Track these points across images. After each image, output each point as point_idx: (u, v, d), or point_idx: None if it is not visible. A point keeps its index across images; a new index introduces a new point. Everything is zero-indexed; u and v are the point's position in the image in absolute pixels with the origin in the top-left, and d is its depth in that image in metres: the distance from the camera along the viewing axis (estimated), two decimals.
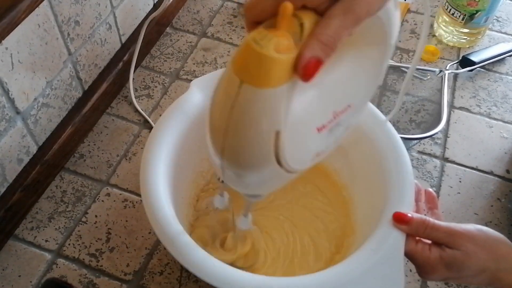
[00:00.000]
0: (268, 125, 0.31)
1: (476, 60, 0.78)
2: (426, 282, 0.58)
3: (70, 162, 0.68)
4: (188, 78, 0.78)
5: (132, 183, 0.66)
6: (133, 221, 0.62)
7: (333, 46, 0.30)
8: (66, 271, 0.58)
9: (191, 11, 0.88)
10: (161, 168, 0.51)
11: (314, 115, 0.35)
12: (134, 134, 0.71)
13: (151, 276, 0.58)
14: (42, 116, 0.63)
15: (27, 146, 0.62)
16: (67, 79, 0.66)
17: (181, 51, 0.82)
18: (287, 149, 0.32)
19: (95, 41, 0.69)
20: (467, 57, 0.79)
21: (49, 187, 0.65)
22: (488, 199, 0.66)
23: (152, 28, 0.80)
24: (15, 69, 0.55)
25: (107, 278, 0.58)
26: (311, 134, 0.35)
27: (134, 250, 0.60)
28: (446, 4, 0.81)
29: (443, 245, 0.44)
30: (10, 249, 0.60)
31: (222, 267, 0.44)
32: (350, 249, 0.55)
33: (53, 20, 0.59)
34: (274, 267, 0.56)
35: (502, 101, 0.76)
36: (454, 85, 0.78)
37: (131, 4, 0.75)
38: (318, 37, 0.29)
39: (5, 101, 0.55)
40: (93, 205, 0.64)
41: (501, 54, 0.81)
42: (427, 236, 0.45)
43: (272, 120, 0.31)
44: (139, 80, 0.78)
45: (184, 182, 0.59)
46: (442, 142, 0.72)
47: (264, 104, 0.30)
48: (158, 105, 0.75)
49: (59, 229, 0.62)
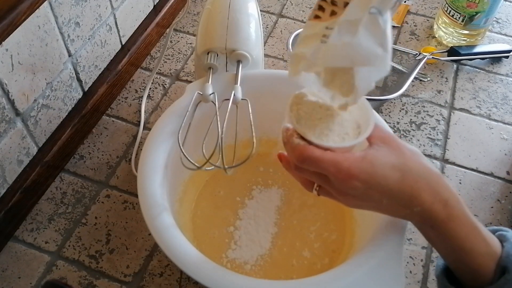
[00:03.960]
0: None
1: (463, 52, 0.79)
2: (426, 284, 0.58)
3: (70, 164, 0.68)
4: (188, 80, 0.78)
5: (132, 185, 0.66)
6: (133, 223, 0.62)
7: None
8: (66, 273, 0.58)
9: (191, 13, 0.88)
10: (158, 170, 0.51)
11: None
12: (134, 135, 0.71)
13: (151, 277, 0.58)
14: (42, 118, 0.63)
15: (27, 148, 0.62)
16: (67, 80, 0.66)
17: (181, 52, 0.82)
18: None
19: (95, 42, 0.69)
20: (455, 48, 0.80)
21: (49, 189, 0.65)
22: (488, 200, 0.66)
23: (152, 29, 0.80)
24: (15, 70, 0.55)
25: (107, 279, 0.58)
26: None
27: (134, 251, 0.60)
28: (446, 5, 0.81)
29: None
30: (10, 251, 0.60)
31: (221, 270, 0.45)
32: (349, 252, 0.55)
33: (54, 22, 0.59)
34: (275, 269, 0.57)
35: (502, 103, 0.76)
36: (454, 86, 0.79)
37: (131, 5, 0.75)
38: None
39: (5, 102, 0.55)
40: (93, 207, 0.64)
41: (491, 53, 0.81)
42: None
43: None
44: (139, 81, 0.78)
45: (181, 183, 0.60)
46: (442, 143, 0.72)
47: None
48: (158, 106, 0.75)
49: (59, 230, 0.62)
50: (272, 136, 0.65)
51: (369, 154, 0.40)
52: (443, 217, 0.39)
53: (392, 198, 0.40)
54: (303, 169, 0.41)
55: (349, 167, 0.38)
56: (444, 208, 0.39)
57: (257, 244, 0.58)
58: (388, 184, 0.39)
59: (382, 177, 0.39)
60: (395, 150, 0.41)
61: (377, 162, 0.39)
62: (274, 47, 0.83)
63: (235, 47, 0.57)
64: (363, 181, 0.39)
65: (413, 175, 0.39)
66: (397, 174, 0.39)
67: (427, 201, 0.39)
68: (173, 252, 0.45)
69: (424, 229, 0.41)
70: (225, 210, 0.61)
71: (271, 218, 0.61)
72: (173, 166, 0.54)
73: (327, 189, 0.42)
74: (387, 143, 0.41)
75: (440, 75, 0.80)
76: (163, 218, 0.47)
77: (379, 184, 0.39)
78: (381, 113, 0.74)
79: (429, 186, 0.40)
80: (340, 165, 0.38)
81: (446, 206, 0.39)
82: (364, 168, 0.39)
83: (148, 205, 0.48)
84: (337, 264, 0.47)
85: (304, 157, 0.39)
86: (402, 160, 0.40)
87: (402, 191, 0.39)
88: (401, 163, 0.40)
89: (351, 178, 0.38)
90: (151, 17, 0.81)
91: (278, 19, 0.88)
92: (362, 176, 0.39)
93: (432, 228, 0.40)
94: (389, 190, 0.39)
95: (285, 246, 0.58)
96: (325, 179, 0.40)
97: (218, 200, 0.62)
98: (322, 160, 0.39)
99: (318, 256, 0.57)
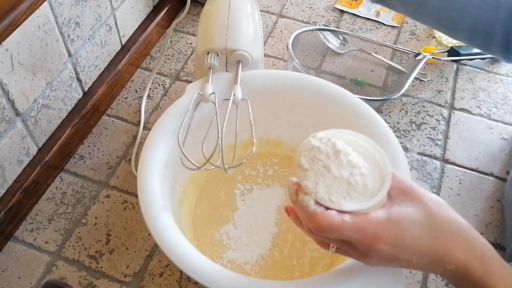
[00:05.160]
0: None
1: (463, 52, 0.79)
2: (426, 284, 0.58)
3: (70, 164, 0.68)
4: (188, 80, 0.78)
5: (132, 185, 0.66)
6: (133, 223, 0.62)
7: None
8: (66, 273, 0.58)
9: (191, 13, 0.88)
10: (158, 170, 0.51)
11: None
12: (134, 135, 0.71)
13: (151, 277, 0.58)
14: (42, 118, 0.63)
15: (27, 148, 0.62)
16: (67, 81, 0.66)
17: (181, 53, 0.82)
18: None
19: (95, 42, 0.69)
20: (455, 48, 0.80)
21: (49, 189, 0.65)
22: (488, 200, 0.66)
23: (152, 29, 0.80)
24: (15, 71, 0.55)
25: (107, 279, 0.58)
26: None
27: (134, 251, 0.60)
28: None
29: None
30: (10, 251, 0.60)
31: (221, 270, 0.45)
32: None
33: (54, 22, 0.59)
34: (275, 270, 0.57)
35: (502, 103, 0.76)
36: (454, 86, 0.78)
37: (131, 5, 0.75)
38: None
39: (5, 103, 0.55)
40: (93, 207, 0.64)
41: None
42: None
43: None
44: (139, 81, 0.78)
45: (181, 183, 0.60)
46: (442, 143, 0.72)
47: None
48: (158, 106, 0.75)
49: (59, 230, 0.62)
50: (272, 136, 0.65)
51: (394, 214, 0.37)
52: (480, 273, 0.37)
53: (423, 258, 0.38)
54: (320, 236, 0.39)
55: (374, 232, 0.36)
56: (481, 264, 0.38)
57: (257, 244, 0.58)
58: (418, 245, 0.37)
59: (411, 238, 0.37)
60: (420, 204, 0.38)
61: (404, 222, 0.37)
62: (274, 47, 0.83)
63: (235, 47, 0.57)
64: (391, 245, 0.37)
65: (443, 232, 0.38)
66: (427, 233, 0.37)
67: (461, 258, 0.37)
68: (173, 252, 0.45)
69: (458, 283, 0.40)
70: (225, 210, 0.61)
71: (272, 218, 0.60)
72: (173, 166, 0.54)
73: (348, 252, 0.39)
74: (409, 196, 0.38)
75: (440, 75, 0.80)
76: (163, 218, 0.47)
77: (408, 246, 0.37)
78: (381, 113, 0.74)
79: (462, 241, 0.38)
80: (365, 231, 0.36)
81: (483, 261, 0.38)
82: (391, 230, 0.36)
83: (148, 205, 0.48)
84: (338, 265, 0.47)
85: (324, 228, 0.36)
86: (430, 217, 0.38)
87: (433, 250, 0.37)
88: (429, 220, 0.38)
89: (378, 243, 0.36)
90: (151, 17, 0.81)
91: (278, 19, 0.88)
92: (389, 239, 0.36)
93: (468, 283, 0.38)
94: (420, 251, 0.37)
95: (286, 246, 0.58)
96: (347, 244, 0.38)
97: (218, 200, 0.62)
98: (344, 228, 0.36)
99: (318, 257, 0.57)
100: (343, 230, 0.36)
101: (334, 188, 0.38)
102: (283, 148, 0.66)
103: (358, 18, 0.88)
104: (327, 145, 0.39)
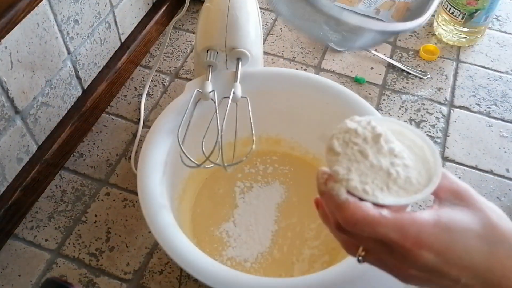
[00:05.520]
0: None
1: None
2: None
3: (70, 161, 0.68)
4: (187, 77, 0.78)
5: (132, 183, 0.66)
6: (133, 220, 0.62)
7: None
8: (66, 271, 0.58)
9: (191, 10, 0.88)
10: (158, 168, 0.51)
11: None
12: (133, 133, 0.71)
13: (151, 275, 0.58)
14: (42, 115, 0.63)
15: (26, 145, 0.62)
16: (67, 78, 0.66)
17: (180, 50, 0.82)
18: None
19: (95, 40, 0.69)
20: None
21: (49, 187, 0.65)
22: (488, 198, 0.65)
23: (151, 27, 0.80)
24: (14, 68, 0.55)
25: (107, 277, 0.58)
26: None
27: (134, 249, 0.60)
28: (446, 3, 0.81)
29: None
30: (10, 249, 0.60)
31: (220, 268, 0.45)
32: None
33: (53, 19, 0.59)
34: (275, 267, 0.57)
35: (502, 100, 0.76)
36: (454, 84, 0.78)
37: (131, 3, 0.75)
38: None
39: (4, 100, 0.55)
40: (93, 205, 0.64)
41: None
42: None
43: None
44: (139, 79, 0.78)
45: (181, 181, 0.60)
46: (442, 141, 0.72)
47: None
48: (157, 104, 0.75)
49: (59, 228, 0.62)
50: (271, 134, 0.65)
51: (444, 217, 0.31)
52: None
53: (476, 278, 0.30)
54: (350, 232, 0.32)
55: (418, 234, 0.30)
56: None
57: (257, 242, 0.58)
58: (471, 258, 0.30)
59: (464, 249, 0.30)
60: (477, 211, 0.31)
61: (456, 229, 0.30)
62: (274, 44, 0.83)
63: (234, 45, 0.57)
64: (438, 253, 0.30)
65: (505, 249, 0.30)
66: (484, 246, 0.30)
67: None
68: (173, 250, 0.45)
69: None
70: (224, 207, 0.61)
71: (271, 216, 0.61)
72: (173, 164, 0.54)
73: (381, 258, 0.32)
74: (464, 200, 0.32)
75: (440, 72, 0.80)
76: (163, 216, 0.47)
77: (459, 258, 0.30)
78: (380, 110, 0.74)
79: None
80: (406, 231, 0.30)
81: None
82: (439, 236, 0.30)
83: (148, 203, 0.48)
84: (337, 262, 0.47)
85: (357, 220, 0.30)
86: (490, 228, 0.31)
87: (490, 269, 0.30)
88: (488, 232, 0.31)
89: (421, 248, 0.29)
90: (151, 14, 0.81)
91: (277, 16, 0.88)
92: (436, 246, 0.30)
93: None
94: (473, 266, 0.30)
95: (285, 244, 0.58)
96: (382, 247, 0.31)
97: (217, 198, 0.62)
98: (380, 223, 0.30)
99: (318, 254, 0.57)
100: (378, 225, 0.30)
101: (370, 177, 0.32)
102: (282, 145, 0.66)
103: (358, 16, 0.88)
104: (366, 128, 0.33)
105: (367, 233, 0.31)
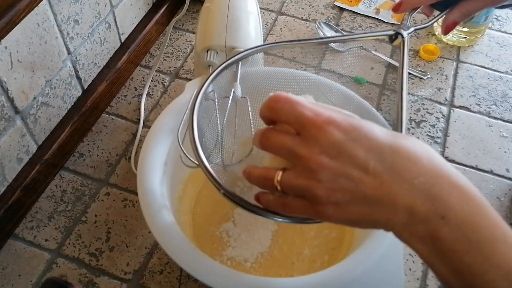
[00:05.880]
0: None
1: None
2: (425, 281, 0.58)
3: (70, 162, 0.68)
4: (187, 77, 0.78)
5: (132, 183, 0.66)
6: (132, 220, 0.62)
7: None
8: (66, 271, 0.58)
9: (191, 10, 0.88)
10: (158, 167, 0.51)
11: None
12: (133, 133, 0.71)
13: (151, 275, 0.58)
14: (42, 115, 0.63)
15: (26, 146, 0.62)
16: (67, 78, 0.66)
17: (180, 50, 0.82)
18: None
19: (95, 40, 0.69)
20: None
21: (49, 187, 0.65)
22: (488, 198, 0.66)
23: (151, 27, 0.80)
24: (14, 68, 0.55)
25: (107, 277, 0.58)
26: None
27: (134, 249, 0.60)
28: None
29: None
30: (10, 249, 0.60)
31: (220, 268, 0.45)
32: (349, 249, 0.55)
33: (53, 19, 0.59)
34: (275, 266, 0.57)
35: (502, 100, 0.76)
36: (454, 84, 0.78)
37: (131, 3, 0.75)
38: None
39: (4, 100, 0.55)
40: (93, 205, 0.64)
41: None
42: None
43: None
44: (139, 79, 0.78)
45: (180, 181, 0.60)
46: (442, 141, 0.72)
47: None
48: (157, 104, 0.75)
49: (59, 228, 0.62)
50: None
51: (355, 116, 0.34)
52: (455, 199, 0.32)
53: (383, 162, 0.31)
54: (271, 111, 0.34)
55: (330, 115, 0.32)
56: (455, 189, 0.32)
57: (257, 242, 0.58)
58: (378, 138, 0.32)
59: (371, 129, 0.32)
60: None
61: (364, 121, 0.33)
62: None
63: (234, 45, 0.57)
64: (346, 131, 0.31)
65: (407, 144, 0.32)
66: (388, 133, 0.32)
67: (432, 170, 0.31)
68: (173, 250, 0.45)
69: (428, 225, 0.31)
70: (224, 208, 0.61)
71: None
72: (173, 164, 0.54)
73: (290, 146, 0.33)
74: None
75: (440, 72, 0.80)
76: (163, 216, 0.47)
77: (365, 137, 0.31)
78: (380, 110, 0.74)
79: (428, 155, 0.32)
80: (320, 112, 0.32)
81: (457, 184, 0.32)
82: (348, 119, 0.32)
83: (148, 203, 0.48)
84: (337, 262, 0.47)
85: (280, 97, 0.33)
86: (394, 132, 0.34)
87: (396, 151, 0.31)
88: (392, 132, 0.33)
89: (330, 124, 0.31)
90: (151, 14, 0.81)
91: (277, 16, 0.88)
92: (344, 124, 0.32)
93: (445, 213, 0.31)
94: (378, 146, 0.31)
95: (285, 244, 0.58)
96: (296, 124, 0.33)
97: (217, 198, 0.62)
98: (299, 103, 0.32)
99: (318, 254, 0.57)
100: (297, 104, 0.32)
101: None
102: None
103: (357, 16, 0.88)
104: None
105: (286, 110, 0.33)
